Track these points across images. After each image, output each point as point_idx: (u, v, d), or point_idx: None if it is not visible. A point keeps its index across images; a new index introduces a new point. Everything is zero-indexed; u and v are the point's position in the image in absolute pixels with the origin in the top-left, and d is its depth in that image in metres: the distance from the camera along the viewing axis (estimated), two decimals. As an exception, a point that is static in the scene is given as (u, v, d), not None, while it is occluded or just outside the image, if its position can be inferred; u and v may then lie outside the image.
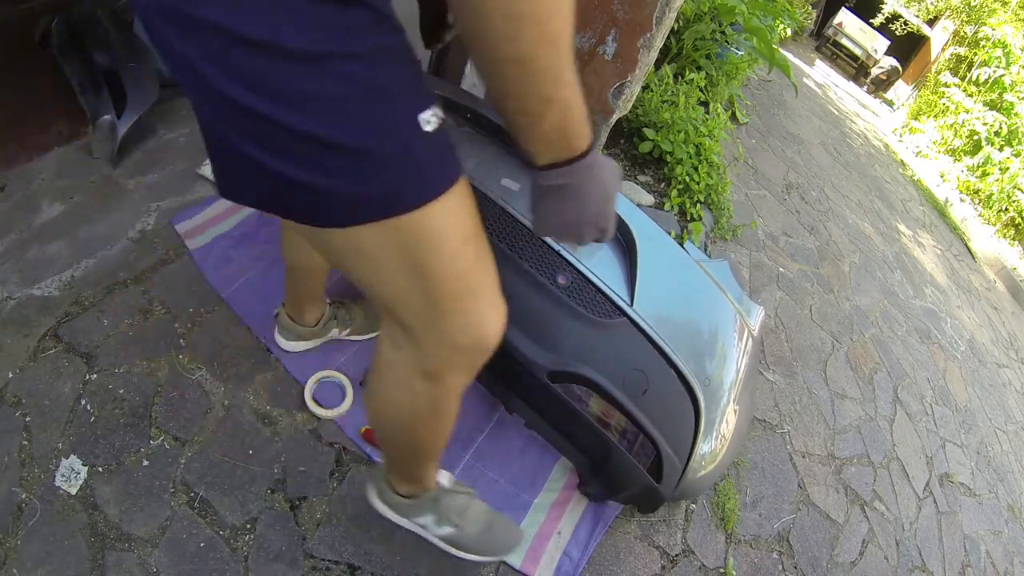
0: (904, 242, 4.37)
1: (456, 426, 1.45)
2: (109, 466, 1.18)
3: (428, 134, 0.62)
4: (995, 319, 4.11)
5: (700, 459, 1.35)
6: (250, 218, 1.73)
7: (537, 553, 1.31)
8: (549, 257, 1.34)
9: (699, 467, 1.36)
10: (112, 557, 1.07)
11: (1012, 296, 4.86)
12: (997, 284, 4.95)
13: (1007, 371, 3.46)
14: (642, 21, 1.76)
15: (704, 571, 1.47)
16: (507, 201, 1.40)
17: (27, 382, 1.25)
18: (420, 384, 0.80)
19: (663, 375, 1.29)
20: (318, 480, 1.29)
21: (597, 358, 1.26)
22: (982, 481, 2.37)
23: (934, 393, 2.70)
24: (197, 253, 1.59)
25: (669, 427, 1.31)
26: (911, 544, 1.87)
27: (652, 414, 1.28)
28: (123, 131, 1.75)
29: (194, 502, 1.18)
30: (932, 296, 3.69)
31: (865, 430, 2.19)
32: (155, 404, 1.30)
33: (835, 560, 1.67)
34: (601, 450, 1.36)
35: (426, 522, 1.14)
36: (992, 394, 3.06)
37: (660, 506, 1.41)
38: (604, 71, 1.89)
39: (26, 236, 1.52)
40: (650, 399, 1.27)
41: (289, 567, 1.15)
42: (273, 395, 1.40)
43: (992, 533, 2.15)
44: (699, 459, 1.35)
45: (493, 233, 1.35)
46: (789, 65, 3.19)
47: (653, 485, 1.32)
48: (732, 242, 2.76)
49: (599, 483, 1.42)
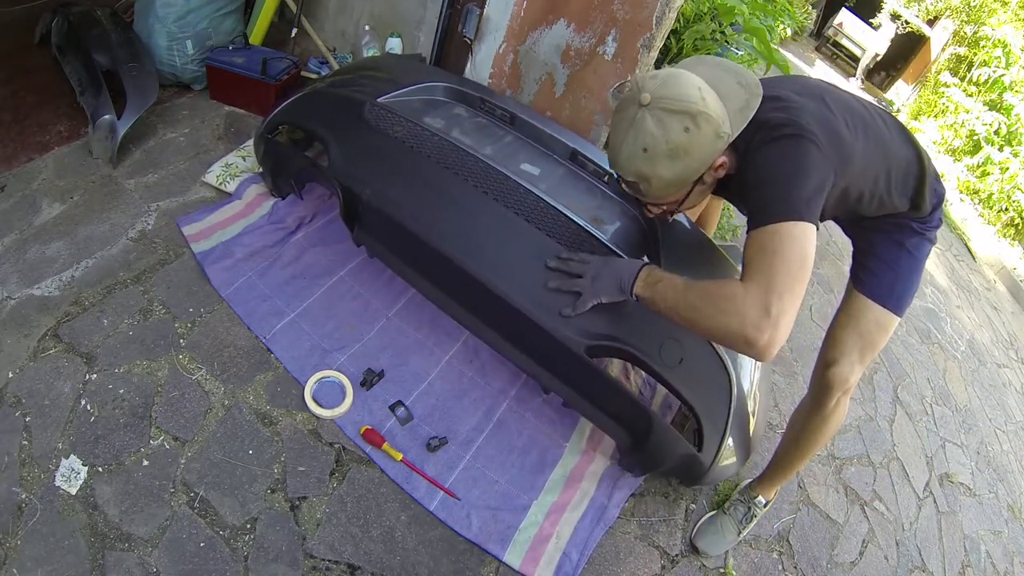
0: (904, 242, 4.35)
1: (456, 427, 1.46)
2: (109, 466, 1.18)
3: None
4: (995, 319, 4.11)
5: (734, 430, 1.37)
6: (257, 223, 1.72)
7: (537, 554, 1.31)
8: (576, 233, 1.36)
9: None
10: (112, 557, 1.07)
11: (1012, 296, 4.86)
12: (997, 284, 4.95)
13: (1007, 371, 3.46)
14: (642, 21, 1.76)
15: (704, 571, 1.47)
16: (531, 183, 1.45)
17: (27, 382, 1.25)
18: None
19: (697, 344, 1.30)
20: (318, 480, 1.29)
21: (632, 330, 1.27)
22: (982, 481, 2.36)
23: (934, 393, 2.70)
24: (202, 257, 1.58)
25: (706, 395, 1.32)
26: (911, 544, 1.87)
27: (689, 383, 1.29)
28: (123, 131, 1.75)
29: (194, 502, 1.18)
30: (932, 296, 3.68)
31: (865, 430, 2.19)
32: (155, 404, 1.30)
33: (835, 560, 1.67)
34: (641, 422, 1.38)
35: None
36: (992, 394, 3.06)
37: (702, 478, 1.41)
38: (604, 71, 1.89)
39: (26, 236, 1.52)
40: (686, 368, 1.28)
41: (289, 567, 1.15)
42: (273, 395, 1.40)
43: (992, 533, 2.15)
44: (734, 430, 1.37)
45: (521, 213, 1.37)
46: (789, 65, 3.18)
47: (694, 454, 1.34)
48: (732, 242, 2.76)
49: (640, 456, 1.44)
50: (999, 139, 6.46)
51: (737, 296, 0.96)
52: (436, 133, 1.52)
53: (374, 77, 1.79)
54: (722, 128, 1.04)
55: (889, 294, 1.27)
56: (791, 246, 0.95)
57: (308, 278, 1.65)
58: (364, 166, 1.48)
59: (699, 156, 1.05)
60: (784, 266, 0.94)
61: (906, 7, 9.44)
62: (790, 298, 0.93)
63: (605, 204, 1.58)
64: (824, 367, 1.32)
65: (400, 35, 2.33)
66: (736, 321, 0.95)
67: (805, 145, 1.01)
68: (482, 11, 2.01)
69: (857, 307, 1.29)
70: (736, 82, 1.08)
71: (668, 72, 1.07)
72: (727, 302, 0.97)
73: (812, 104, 1.08)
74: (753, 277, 0.96)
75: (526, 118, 1.72)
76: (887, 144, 1.16)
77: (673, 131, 1.02)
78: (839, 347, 1.30)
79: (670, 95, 1.02)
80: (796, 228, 0.96)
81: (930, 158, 1.23)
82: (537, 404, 1.59)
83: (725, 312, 0.97)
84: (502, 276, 1.31)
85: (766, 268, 0.95)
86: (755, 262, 0.97)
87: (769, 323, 0.92)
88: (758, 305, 0.93)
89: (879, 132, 1.16)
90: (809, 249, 0.96)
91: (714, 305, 0.99)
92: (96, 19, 2.04)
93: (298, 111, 1.69)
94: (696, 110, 1.01)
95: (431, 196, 1.42)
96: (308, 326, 1.54)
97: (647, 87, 1.03)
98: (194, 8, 2.04)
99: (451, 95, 1.81)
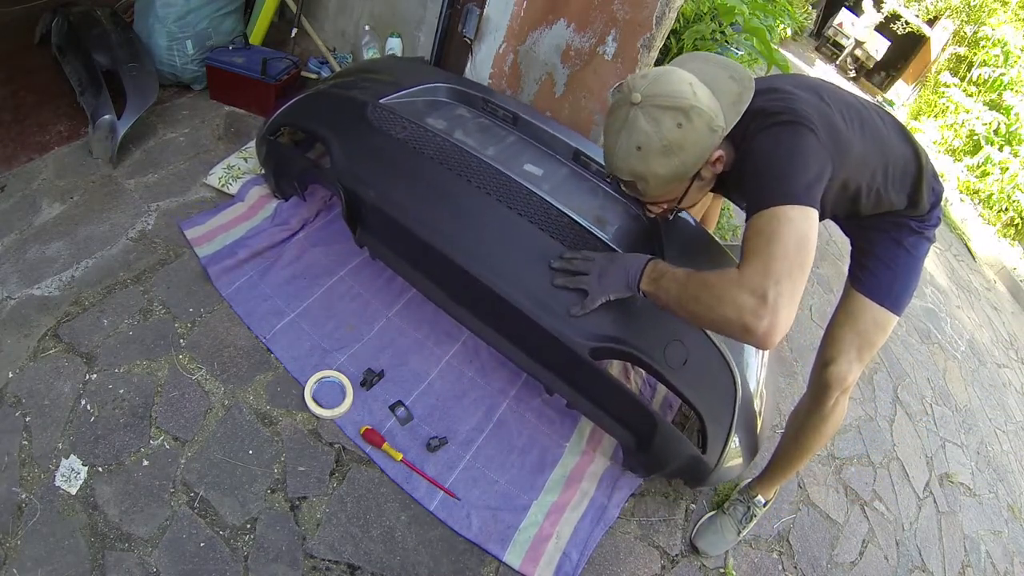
0: (904, 242, 4.35)
1: (456, 426, 1.46)
2: (109, 466, 1.18)
3: None
4: (995, 319, 4.11)
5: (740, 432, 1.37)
6: (261, 226, 1.72)
7: (537, 554, 1.31)
8: (580, 234, 1.36)
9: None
10: (112, 557, 1.07)
11: (1012, 296, 4.85)
12: (997, 284, 4.95)
13: (1007, 371, 3.46)
14: (642, 21, 1.76)
15: (704, 571, 1.47)
16: (534, 184, 1.44)
17: (27, 382, 1.25)
18: None
19: (701, 345, 1.30)
20: (318, 480, 1.29)
21: (636, 332, 1.27)
22: (982, 481, 2.36)
23: (934, 393, 2.70)
24: (206, 260, 1.58)
25: (710, 396, 1.32)
26: (911, 544, 1.87)
27: (694, 384, 1.29)
28: (123, 131, 1.75)
29: (194, 502, 1.18)
30: (932, 296, 3.68)
31: (865, 430, 2.19)
32: (155, 404, 1.30)
33: (835, 560, 1.67)
34: (646, 424, 1.38)
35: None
36: (992, 394, 3.06)
37: (707, 478, 1.41)
38: (604, 71, 1.89)
39: (26, 236, 1.52)
40: (690, 370, 1.28)
41: (289, 567, 1.15)
42: (273, 395, 1.40)
43: (992, 533, 2.15)
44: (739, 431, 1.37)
45: (524, 215, 1.37)
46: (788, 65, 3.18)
47: (698, 456, 1.34)
48: (732, 242, 2.76)
49: (644, 457, 1.44)
50: (999, 139, 6.46)
51: (732, 283, 0.94)
52: (439, 134, 1.52)
53: (376, 78, 1.79)
54: (715, 121, 1.04)
55: (887, 293, 1.27)
56: (788, 229, 0.93)
57: (308, 278, 1.65)
58: (366, 168, 1.48)
59: (694, 151, 1.04)
60: (781, 250, 0.92)
61: (906, 7, 9.43)
62: (788, 283, 0.90)
63: (608, 204, 1.58)
64: (822, 366, 1.32)
65: (400, 35, 2.33)
66: (732, 309, 0.93)
67: (802, 132, 1.00)
68: (482, 11, 2.01)
69: (855, 306, 1.29)
70: (728, 76, 1.08)
71: (658, 70, 1.07)
72: (724, 290, 0.95)
73: (808, 96, 1.07)
74: (749, 263, 0.94)
75: (528, 118, 1.72)
76: (884, 140, 1.16)
77: (666, 127, 1.02)
78: (837, 346, 1.30)
79: (661, 92, 1.02)
80: (793, 211, 0.94)
81: (928, 155, 1.23)
82: (537, 404, 1.59)
83: (722, 300, 0.95)
84: (505, 278, 1.31)
85: (762, 253, 0.93)
86: (751, 248, 0.96)
87: (767, 309, 0.90)
88: (754, 291, 0.91)
89: (876, 128, 1.15)
90: (809, 232, 0.94)
91: (712, 294, 0.98)
92: (96, 19, 2.04)
93: (300, 112, 1.69)
94: (688, 105, 1.01)
95: (434, 198, 1.42)
96: (308, 326, 1.54)
97: (637, 86, 1.03)
98: (194, 8, 2.04)
99: (453, 96, 1.81)
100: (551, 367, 1.41)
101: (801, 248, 0.93)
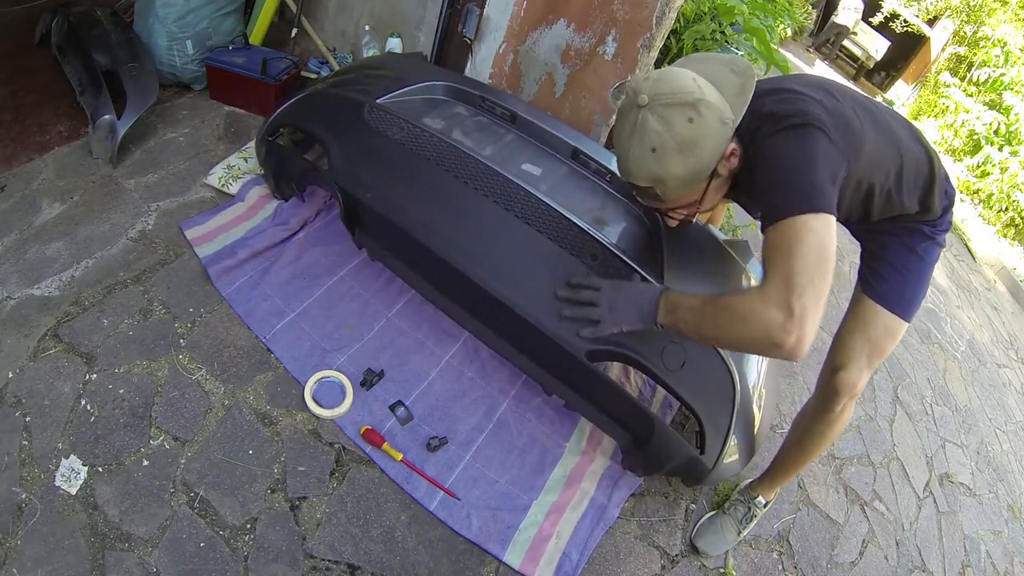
0: (904, 242, 4.35)
1: (456, 426, 1.46)
2: (109, 466, 1.18)
3: None
4: (995, 319, 4.11)
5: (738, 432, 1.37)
6: (261, 226, 1.72)
7: (537, 553, 1.31)
8: (578, 235, 1.36)
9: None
10: (112, 557, 1.07)
11: (1012, 296, 4.85)
12: (997, 284, 4.95)
13: (1007, 371, 3.46)
14: (642, 21, 1.76)
15: (704, 571, 1.47)
16: (532, 185, 1.43)
17: (27, 382, 1.25)
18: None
19: (699, 347, 1.30)
20: (318, 480, 1.29)
21: (635, 334, 1.27)
22: (982, 481, 2.36)
23: (934, 393, 2.70)
24: (207, 260, 1.58)
25: (708, 398, 1.32)
26: (911, 544, 1.87)
27: (692, 386, 1.29)
28: (123, 131, 1.75)
29: (194, 502, 1.18)
30: (932, 296, 3.68)
31: (865, 430, 2.19)
32: (155, 404, 1.30)
33: (835, 560, 1.67)
34: (643, 424, 1.38)
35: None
36: (992, 394, 3.06)
37: (705, 478, 1.41)
38: (604, 71, 1.89)
39: (26, 236, 1.52)
40: (689, 371, 1.28)
41: (289, 567, 1.15)
42: (273, 395, 1.40)
43: (992, 533, 2.15)
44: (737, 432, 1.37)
45: (520, 215, 1.36)
46: (788, 65, 3.17)
47: (696, 456, 1.34)
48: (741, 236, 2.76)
49: (642, 458, 1.44)
50: (999, 139, 6.46)
51: (757, 302, 0.95)
52: (436, 134, 1.51)
53: (374, 77, 1.79)
54: (725, 114, 1.03)
55: (899, 299, 1.26)
56: (807, 239, 0.93)
57: (308, 278, 1.65)
58: (363, 169, 1.48)
59: (708, 145, 1.03)
60: (802, 262, 0.92)
61: (906, 7, 9.43)
62: (812, 294, 0.91)
63: (607, 204, 1.57)
64: (831, 372, 1.31)
65: (400, 35, 2.33)
66: (760, 328, 0.94)
67: (813, 134, 0.99)
68: (482, 11, 2.01)
69: (867, 312, 1.28)
70: (729, 70, 1.07)
71: (661, 71, 1.07)
72: (748, 310, 0.96)
73: (818, 94, 1.06)
74: (772, 278, 0.95)
75: (527, 116, 1.72)
76: (897, 139, 1.14)
77: (678, 124, 1.01)
78: (847, 352, 1.29)
79: (666, 90, 1.01)
80: (811, 220, 0.94)
81: (940, 158, 1.21)
82: (537, 404, 1.59)
83: (747, 322, 0.96)
84: (502, 280, 1.31)
85: (784, 266, 0.94)
86: (772, 262, 0.96)
87: (794, 323, 0.91)
88: (780, 307, 0.92)
89: (887, 125, 1.14)
90: (827, 240, 0.94)
91: (735, 316, 0.98)
92: (96, 19, 2.04)
93: (298, 113, 1.69)
94: (695, 98, 1.00)
95: (431, 200, 1.42)
96: (308, 326, 1.54)
97: (642, 88, 1.02)
98: (194, 8, 2.04)
99: (451, 94, 1.80)
100: (549, 369, 1.41)
101: (821, 257, 0.93)
